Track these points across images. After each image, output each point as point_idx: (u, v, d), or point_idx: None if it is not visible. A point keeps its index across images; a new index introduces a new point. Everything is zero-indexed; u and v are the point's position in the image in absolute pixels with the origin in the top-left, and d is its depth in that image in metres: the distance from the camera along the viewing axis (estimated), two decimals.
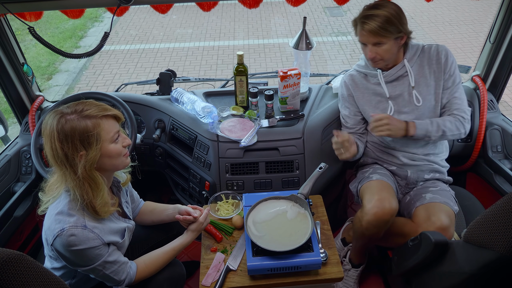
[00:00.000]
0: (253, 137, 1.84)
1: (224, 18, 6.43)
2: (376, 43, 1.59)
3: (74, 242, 1.17)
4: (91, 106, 1.22)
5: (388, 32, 1.55)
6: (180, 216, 1.48)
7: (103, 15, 6.78)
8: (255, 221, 1.49)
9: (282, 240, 1.41)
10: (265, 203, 1.57)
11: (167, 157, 2.11)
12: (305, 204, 1.53)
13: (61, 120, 1.17)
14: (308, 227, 1.45)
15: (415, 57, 1.70)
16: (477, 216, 1.14)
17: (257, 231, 1.45)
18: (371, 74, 1.76)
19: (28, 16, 1.61)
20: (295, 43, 1.90)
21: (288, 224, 1.47)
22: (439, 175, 1.82)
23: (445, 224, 1.54)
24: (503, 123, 2.03)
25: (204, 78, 2.54)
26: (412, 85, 1.70)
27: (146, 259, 1.42)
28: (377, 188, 1.66)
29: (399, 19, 1.56)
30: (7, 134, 2.13)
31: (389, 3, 1.59)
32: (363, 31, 1.58)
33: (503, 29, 1.90)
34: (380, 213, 1.56)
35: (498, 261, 1.02)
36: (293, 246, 1.37)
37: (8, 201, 1.84)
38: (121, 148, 1.28)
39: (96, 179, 1.22)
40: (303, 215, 1.51)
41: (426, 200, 1.67)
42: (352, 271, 1.96)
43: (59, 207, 1.21)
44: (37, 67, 5.18)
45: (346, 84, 1.84)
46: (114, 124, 1.27)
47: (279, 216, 1.51)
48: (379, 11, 1.54)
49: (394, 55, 1.66)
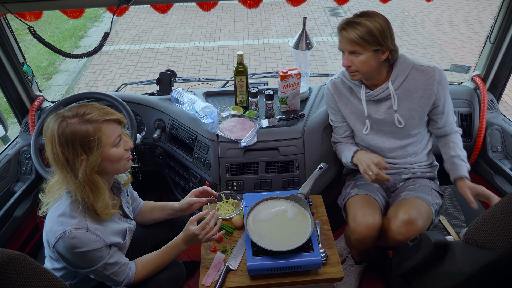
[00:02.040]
0: (253, 137, 1.84)
1: (224, 18, 6.43)
2: (352, 52, 1.53)
3: (77, 245, 1.17)
4: (93, 109, 1.21)
5: (365, 42, 1.48)
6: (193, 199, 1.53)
7: (103, 15, 6.78)
8: (255, 220, 1.49)
9: (283, 240, 1.41)
10: (265, 203, 1.57)
11: (167, 157, 2.11)
12: (305, 204, 1.53)
13: (62, 124, 1.16)
14: (308, 227, 1.45)
15: (402, 77, 1.61)
16: (477, 216, 1.14)
17: (257, 231, 1.45)
18: (356, 89, 1.71)
19: (28, 16, 1.61)
20: (295, 43, 1.90)
21: (288, 224, 1.47)
22: (420, 174, 1.78)
23: (413, 217, 1.52)
24: (503, 123, 2.03)
25: (204, 78, 2.54)
26: (394, 109, 1.64)
27: (143, 260, 1.41)
28: (359, 204, 1.64)
29: (382, 33, 1.49)
30: (7, 134, 2.13)
31: (378, 15, 1.52)
32: (341, 37, 1.54)
33: (503, 29, 1.90)
34: (365, 231, 1.56)
35: (498, 262, 1.02)
36: (293, 246, 1.37)
37: (8, 201, 1.84)
38: (122, 151, 1.27)
39: (97, 183, 1.21)
40: (303, 215, 1.51)
41: (400, 197, 1.67)
42: (355, 267, 2.00)
43: (61, 209, 1.21)
44: (37, 67, 5.18)
45: (330, 91, 1.79)
46: (116, 128, 1.25)
47: (279, 216, 1.51)
48: (363, 20, 1.49)
49: (373, 69, 1.56)
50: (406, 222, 1.52)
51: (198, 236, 1.38)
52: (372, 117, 1.70)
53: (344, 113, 1.78)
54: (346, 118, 1.79)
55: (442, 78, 1.61)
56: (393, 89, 1.62)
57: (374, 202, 1.66)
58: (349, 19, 1.53)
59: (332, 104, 1.81)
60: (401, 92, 1.63)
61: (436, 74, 1.59)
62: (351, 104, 1.74)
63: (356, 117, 1.75)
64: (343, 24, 1.53)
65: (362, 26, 1.48)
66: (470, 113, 2.05)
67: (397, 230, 1.52)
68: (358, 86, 1.69)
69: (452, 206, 1.85)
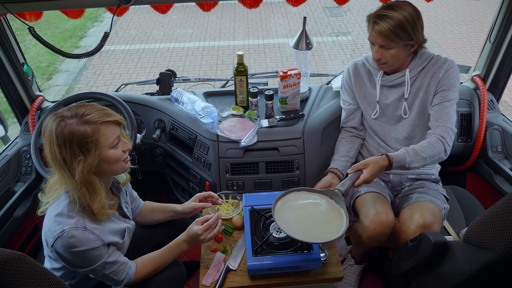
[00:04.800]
0: (253, 137, 1.84)
1: (224, 18, 6.43)
2: (383, 46, 1.54)
3: (75, 244, 1.17)
4: (92, 110, 1.20)
5: (398, 38, 1.48)
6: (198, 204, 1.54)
7: (103, 15, 6.77)
8: (284, 208, 1.39)
9: (312, 233, 1.30)
10: (298, 193, 1.45)
11: (167, 157, 2.11)
12: (341, 201, 1.40)
13: (60, 124, 1.16)
14: (342, 225, 1.33)
15: (420, 67, 1.63)
16: (477, 217, 1.13)
17: (285, 218, 1.34)
18: (374, 73, 1.73)
19: (28, 16, 1.61)
20: (295, 43, 1.90)
21: (320, 218, 1.36)
22: (425, 176, 1.79)
23: (428, 222, 1.52)
24: (503, 123, 2.03)
25: (204, 78, 2.54)
26: (405, 97, 1.66)
27: (144, 260, 1.41)
28: (371, 202, 1.62)
29: (414, 26, 1.48)
30: (7, 134, 2.13)
31: (408, 5, 1.50)
32: (373, 31, 1.52)
33: (503, 29, 1.90)
34: (379, 228, 1.54)
35: (497, 262, 1.02)
36: (323, 240, 1.27)
37: (8, 201, 1.84)
38: (120, 153, 1.26)
39: (94, 184, 1.21)
40: (338, 212, 1.38)
41: (412, 200, 1.66)
42: (355, 267, 1.99)
43: (59, 209, 1.21)
44: (37, 67, 5.18)
45: (349, 72, 1.81)
46: (115, 129, 1.24)
47: (311, 208, 1.39)
48: (394, 13, 1.47)
49: (401, 61, 1.60)
50: (422, 226, 1.51)
51: (201, 237, 1.38)
52: (382, 102, 1.72)
53: (357, 95, 1.80)
54: (358, 100, 1.81)
55: (451, 69, 1.60)
56: (409, 76, 1.63)
57: (384, 199, 1.66)
58: (380, 12, 1.50)
59: (347, 85, 1.84)
60: (415, 81, 1.64)
61: (445, 64, 1.60)
62: (365, 87, 1.77)
63: (368, 101, 1.77)
64: (374, 16, 1.51)
65: (395, 20, 1.46)
66: (470, 113, 2.05)
67: (413, 234, 1.49)
68: (377, 71, 1.71)
69: (452, 206, 1.85)
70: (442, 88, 1.61)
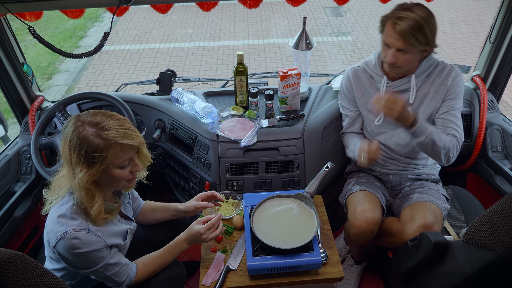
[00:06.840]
0: (253, 137, 1.84)
1: (224, 18, 6.43)
2: (400, 49, 1.48)
3: (77, 245, 1.17)
4: (114, 126, 1.19)
5: (417, 42, 1.44)
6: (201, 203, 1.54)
7: (103, 15, 6.77)
8: (261, 218, 1.50)
9: (288, 238, 1.42)
10: (271, 201, 1.58)
11: (167, 157, 2.11)
12: (311, 203, 1.54)
13: (79, 128, 1.16)
14: (313, 226, 1.45)
15: (425, 73, 1.62)
16: (477, 217, 1.14)
17: (263, 228, 1.45)
18: (377, 79, 1.70)
19: (28, 16, 1.61)
20: (295, 43, 1.90)
21: (294, 223, 1.48)
22: (425, 176, 1.80)
23: (429, 222, 1.52)
24: (503, 123, 2.03)
25: (204, 78, 2.54)
26: (410, 102, 1.65)
27: (144, 260, 1.41)
28: (360, 200, 1.65)
29: (432, 33, 1.45)
30: (7, 134, 2.13)
31: (423, 8, 1.46)
32: (394, 32, 1.45)
33: (503, 29, 1.90)
34: (364, 225, 1.58)
35: (498, 262, 1.02)
36: (298, 244, 1.37)
37: (8, 201, 1.84)
38: (126, 173, 1.25)
39: (92, 192, 1.21)
40: (309, 214, 1.51)
41: (413, 200, 1.67)
42: (355, 267, 2.00)
43: (62, 210, 1.21)
44: (37, 67, 5.18)
45: (349, 79, 1.77)
46: (128, 151, 1.22)
47: (285, 214, 1.52)
48: (413, 14, 1.42)
49: (413, 66, 1.58)
50: (423, 226, 1.51)
51: (203, 236, 1.39)
52: None
53: (358, 102, 1.78)
54: (360, 107, 1.79)
55: (458, 77, 1.61)
56: (415, 82, 1.62)
57: (374, 198, 1.67)
58: (399, 13, 1.44)
59: (348, 92, 1.80)
60: (421, 87, 1.63)
61: (453, 71, 1.61)
62: (367, 94, 1.74)
63: (370, 108, 1.74)
64: (395, 18, 1.45)
65: (415, 21, 1.42)
66: (470, 113, 2.05)
67: (414, 234, 1.49)
68: (380, 76, 1.68)
69: (452, 206, 1.85)
70: (450, 96, 1.61)
